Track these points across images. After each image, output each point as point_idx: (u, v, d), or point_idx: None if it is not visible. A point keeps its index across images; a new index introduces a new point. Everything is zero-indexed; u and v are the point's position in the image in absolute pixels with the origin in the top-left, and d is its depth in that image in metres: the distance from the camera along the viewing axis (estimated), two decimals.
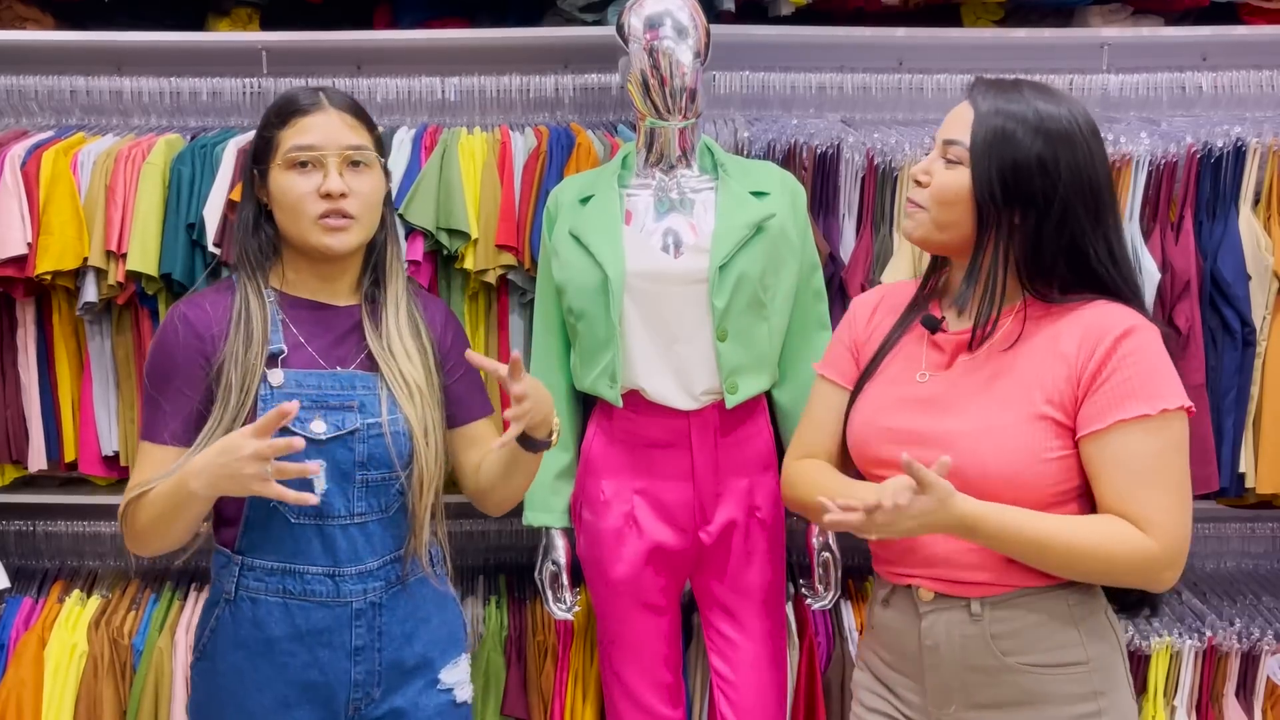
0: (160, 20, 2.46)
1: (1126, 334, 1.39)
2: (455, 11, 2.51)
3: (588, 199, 1.93)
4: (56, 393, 2.26)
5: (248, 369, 1.51)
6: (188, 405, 1.53)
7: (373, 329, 1.60)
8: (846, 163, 2.20)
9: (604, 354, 1.88)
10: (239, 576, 1.57)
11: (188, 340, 1.54)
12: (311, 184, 1.52)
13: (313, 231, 1.53)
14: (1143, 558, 1.37)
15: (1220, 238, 2.17)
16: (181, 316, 1.56)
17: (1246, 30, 2.41)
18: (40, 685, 2.19)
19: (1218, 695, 2.28)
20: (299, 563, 1.54)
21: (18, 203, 2.14)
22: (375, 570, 1.58)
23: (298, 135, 1.53)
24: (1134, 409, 1.36)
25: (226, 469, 1.39)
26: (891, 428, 1.50)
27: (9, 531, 2.45)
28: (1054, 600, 1.44)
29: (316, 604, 1.55)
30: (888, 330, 1.59)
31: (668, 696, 2.00)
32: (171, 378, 1.54)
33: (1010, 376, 1.44)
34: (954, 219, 1.45)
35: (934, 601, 1.48)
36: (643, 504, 1.92)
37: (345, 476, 1.54)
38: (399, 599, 1.60)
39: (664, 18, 1.82)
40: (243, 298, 1.56)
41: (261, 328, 1.54)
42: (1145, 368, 1.38)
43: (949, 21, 2.49)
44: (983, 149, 1.41)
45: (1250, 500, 2.28)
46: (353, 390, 1.55)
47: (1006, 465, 1.40)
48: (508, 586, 2.40)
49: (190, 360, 1.54)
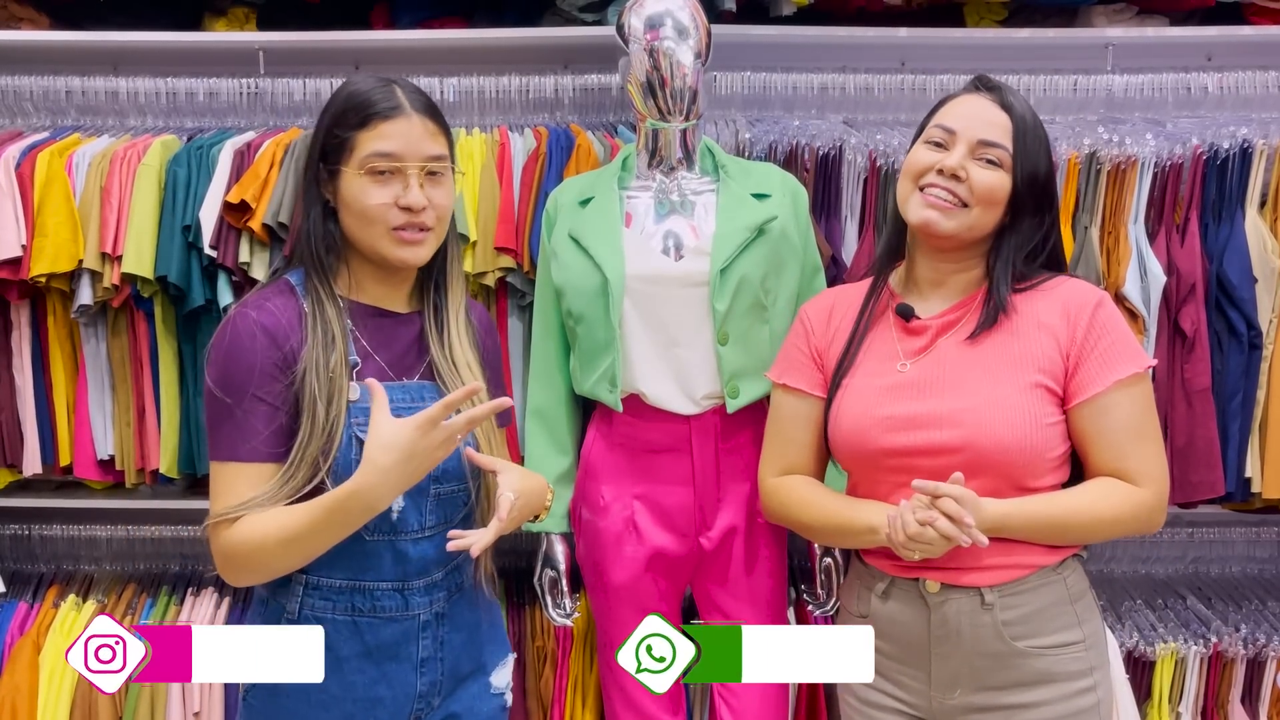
0: (156, 20, 2.45)
1: (1100, 304, 1.53)
2: (453, 11, 2.50)
3: (587, 201, 1.91)
4: (51, 396, 2.25)
5: (333, 380, 1.42)
6: (275, 417, 1.42)
7: (436, 339, 1.53)
8: (849, 164, 2.19)
9: (604, 358, 1.86)
10: (304, 596, 1.49)
11: (267, 348, 1.42)
12: (390, 194, 1.43)
13: (385, 242, 1.45)
14: (1143, 509, 1.51)
15: (1226, 240, 2.15)
16: (257, 324, 1.43)
17: (1252, 30, 2.41)
18: (35, 691, 2.17)
19: (1223, 702, 2.27)
20: (369, 579, 1.47)
21: (12, 204, 2.13)
22: (440, 581, 1.52)
23: (378, 141, 1.43)
24: (1126, 369, 1.49)
25: (416, 467, 1.36)
26: (889, 416, 1.53)
27: (4, 536, 2.44)
28: (1056, 583, 1.52)
29: (385, 620, 1.49)
30: (849, 331, 1.63)
31: (668, 703, 1.99)
32: (253, 389, 1.42)
33: (1000, 353, 1.52)
34: (992, 219, 1.54)
35: (942, 592, 1.52)
36: (643, 509, 1.91)
37: (420, 490, 1.46)
38: (459, 607, 1.56)
39: (665, 18, 1.81)
40: (315, 303, 1.46)
41: (341, 335, 1.45)
42: (1123, 331, 1.53)
43: (952, 21, 2.48)
44: (1029, 158, 1.52)
45: (1256, 505, 2.27)
46: (421, 402, 1.46)
47: (1015, 433, 1.47)
48: (506, 592, 2.38)
49: (271, 369, 1.42)
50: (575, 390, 1.97)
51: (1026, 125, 1.52)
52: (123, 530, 2.43)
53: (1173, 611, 2.36)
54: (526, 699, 2.23)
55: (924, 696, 1.55)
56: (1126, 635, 2.25)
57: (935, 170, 1.51)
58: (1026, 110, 1.54)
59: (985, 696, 1.51)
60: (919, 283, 1.61)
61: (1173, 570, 2.52)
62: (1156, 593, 2.43)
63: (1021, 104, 1.54)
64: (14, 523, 2.43)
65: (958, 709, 1.53)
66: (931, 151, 1.53)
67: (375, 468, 1.34)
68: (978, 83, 1.58)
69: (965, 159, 1.51)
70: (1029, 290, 1.55)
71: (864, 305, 1.63)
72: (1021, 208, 1.53)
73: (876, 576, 1.58)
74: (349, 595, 1.48)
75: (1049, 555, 1.51)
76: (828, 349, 1.64)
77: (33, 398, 2.23)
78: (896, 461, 1.52)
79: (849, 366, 1.60)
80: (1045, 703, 1.50)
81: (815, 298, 1.77)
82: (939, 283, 1.59)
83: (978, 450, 1.47)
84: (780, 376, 1.68)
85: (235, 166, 2.15)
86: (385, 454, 1.34)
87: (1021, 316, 1.53)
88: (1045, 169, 1.54)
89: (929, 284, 1.60)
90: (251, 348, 1.42)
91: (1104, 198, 2.16)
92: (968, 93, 1.57)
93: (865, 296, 1.64)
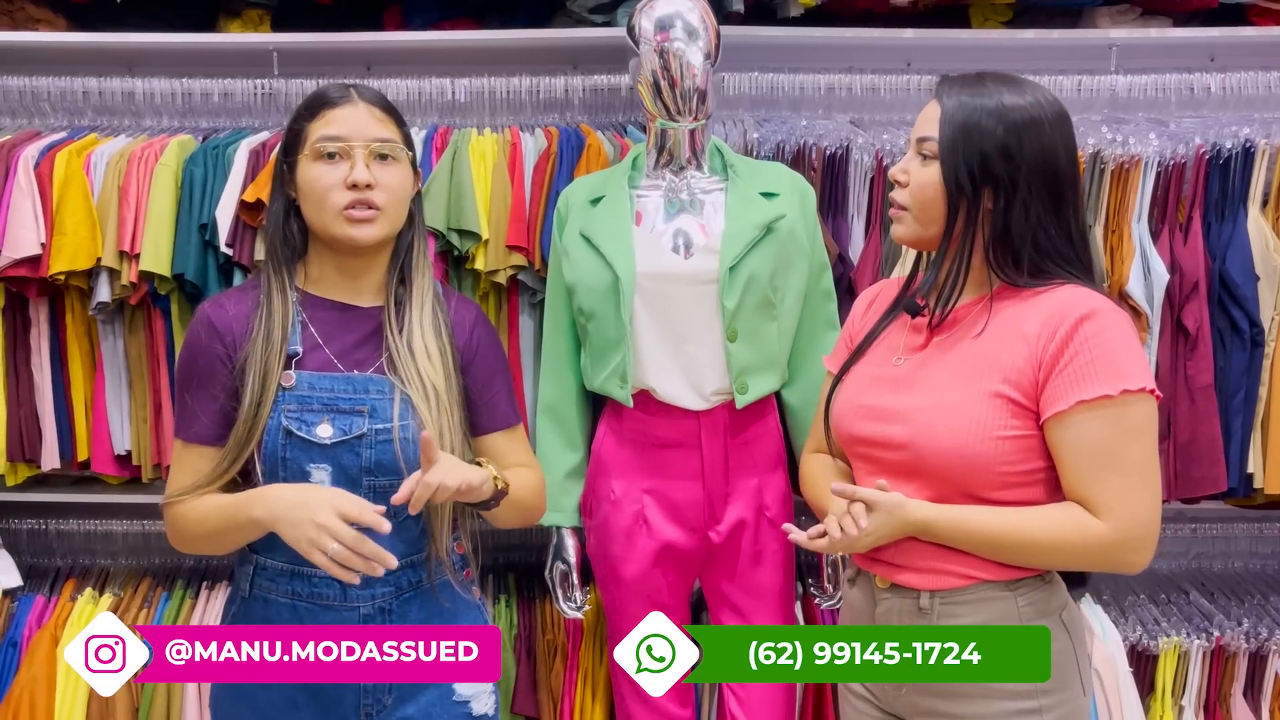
0: (172, 22, 2.47)
1: (1087, 316, 1.40)
2: (465, 13, 2.52)
3: (598, 200, 1.93)
4: (69, 392, 2.27)
5: (266, 370, 1.51)
6: (214, 404, 1.54)
7: (395, 329, 1.57)
8: (855, 163, 2.21)
9: (614, 354, 1.89)
10: (254, 575, 1.57)
11: (209, 340, 1.54)
12: (338, 175, 1.51)
13: (336, 222, 1.52)
14: (1096, 543, 1.39)
15: (1229, 238, 2.17)
16: (204, 316, 1.57)
17: (1255, 31, 2.42)
18: (53, 683, 2.20)
19: (1225, 695, 2.28)
20: (307, 565, 1.50)
21: (31, 203, 2.15)
22: (384, 576, 1.52)
23: (325, 126, 1.52)
24: (1094, 390, 1.37)
25: (292, 516, 1.40)
26: (864, 404, 1.55)
27: (22, 530, 2.46)
28: (1004, 600, 1.46)
29: (323, 607, 1.54)
30: (877, 320, 1.64)
31: (676, 695, 2.01)
32: (196, 377, 1.55)
33: (972, 357, 1.46)
34: (936, 214, 1.48)
35: (889, 590, 1.52)
36: (653, 503, 1.93)
37: (352, 482, 1.52)
38: (412, 605, 1.58)
39: (674, 19, 1.83)
40: (266, 296, 1.55)
41: (282, 328, 1.53)
42: (1106, 350, 1.38)
43: (957, 22, 2.50)
44: (950, 140, 1.45)
45: (1258, 500, 2.28)
46: (365, 394, 1.53)
47: (956, 439, 1.42)
48: (517, 585, 2.40)
49: (211, 360, 1.54)
50: (586, 386, 2.00)
51: (957, 113, 1.44)
52: (139, 525, 2.46)
53: (1176, 606, 2.38)
54: (537, 691, 2.25)
55: (883, 688, 1.55)
56: (1130, 629, 2.26)
57: (893, 179, 1.54)
58: (974, 96, 1.45)
59: (928, 701, 1.49)
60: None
61: (1176, 565, 2.53)
62: (1160, 587, 2.45)
63: (961, 96, 1.46)
64: (32, 517, 2.46)
65: (907, 706, 1.52)
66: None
67: (277, 492, 1.46)
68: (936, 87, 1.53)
69: (910, 162, 1.51)
70: (1032, 294, 1.46)
71: (894, 300, 1.63)
72: (959, 194, 1.44)
73: (849, 563, 1.64)
74: (289, 579, 1.55)
75: (995, 571, 1.45)
76: (858, 336, 1.65)
77: (51, 394, 2.25)
78: (862, 450, 1.55)
79: (860, 354, 1.61)
80: (975, 716, 1.46)
81: (870, 287, 1.78)
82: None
83: (917, 450, 1.45)
84: (829, 361, 1.72)
85: (250, 166, 2.18)
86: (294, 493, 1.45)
87: (1006, 322, 1.46)
88: (989, 146, 1.42)
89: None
90: (196, 340, 1.56)
91: (1108, 197, 2.17)
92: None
93: (898, 292, 1.64)
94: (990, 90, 1.46)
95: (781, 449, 1.98)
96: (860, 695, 1.60)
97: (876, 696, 1.58)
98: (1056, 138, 1.46)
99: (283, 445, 1.50)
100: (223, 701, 1.62)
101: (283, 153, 1.58)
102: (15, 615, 2.29)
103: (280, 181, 1.59)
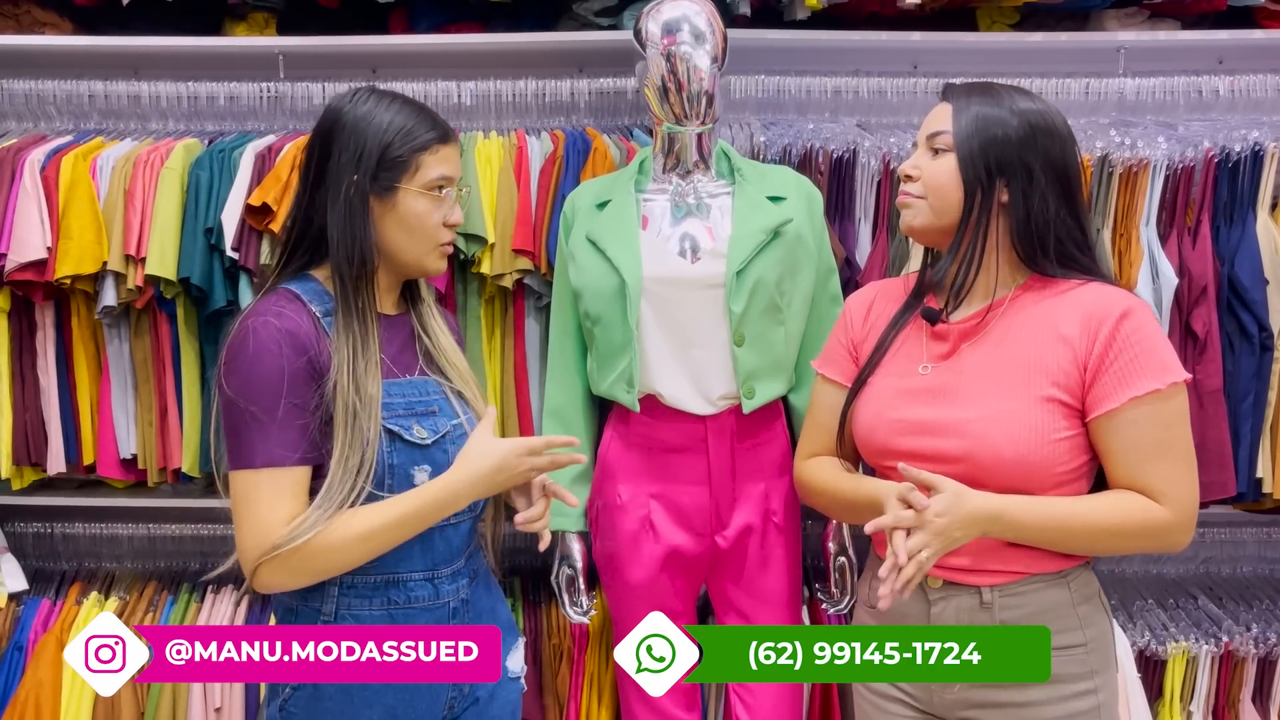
0: (177, 25, 2.47)
1: (1126, 314, 1.46)
2: (470, 16, 2.52)
3: (604, 204, 1.93)
4: (75, 396, 2.28)
5: (369, 386, 1.47)
6: (306, 422, 1.44)
7: (425, 336, 1.61)
8: (862, 167, 2.21)
9: (621, 359, 1.88)
10: (339, 597, 1.51)
11: (294, 355, 1.44)
12: (441, 212, 1.54)
13: (432, 256, 1.55)
14: (1158, 527, 1.45)
15: (1238, 242, 2.16)
16: (281, 331, 1.45)
17: (1264, 34, 2.41)
18: (59, 687, 2.20)
19: (1234, 701, 2.27)
20: (402, 570, 1.51)
21: (37, 207, 2.15)
22: (463, 568, 1.57)
23: (442, 165, 1.52)
24: (1145, 385, 1.43)
25: (502, 480, 1.49)
26: (901, 419, 1.54)
27: (27, 533, 2.47)
28: (1059, 587, 1.51)
29: (420, 609, 1.52)
30: (885, 326, 1.63)
31: (683, 701, 2.01)
32: (283, 396, 1.44)
33: (1014, 362, 1.49)
34: (951, 203, 1.51)
35: (943, 589, 1.52)
36: (659, 508, 1.93)
37: None
38: (478, 592, 1.61)
39: (681, 23, 1.82)
40: (345, 312, 1.49)
41: (375, 343, 1.50)
42: (1148, 345, 1.45)
43: (964, 25, 2.49)
44: (966, 131, 1.49)
45: (1267, 505, 2.27)
46: (428, 395, 1.55)
47: (1018, 448, 1.45)
48: (523, 589, 2.40)
49: (301, 375, 1.45)
50: (592, 391, 1.99)
51: (970, 108, 1.50)
52: (144, 529, 2.46)
53: (1184, 611, 2.37)
54: (543, 696, 2.25)
55: (924, 689, 1.56)
56: (1138, 635, 2.26)
57: (901, 180, 1.56)
58: (987, 97, 1.51)
59: (983, 693, 1.50)
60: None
61: (1184, 570, 2.52)
62: (1168, 592, 2.44)
63: (972, 96, 1.52)
64: (37, 521, 2.46)
65: (956, 703, 1.53)
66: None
67: (470, 469, 1.47)
68: (943, 92, 1.58)
69: (920, 158, 1.54)
70: (1053, 294, 1.50)
71: (903, 304, 1.64)
72: (975, 181, 1.48)
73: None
74: (384, 590, 1.51)
75: (1048, 563, 1.49)
76: (863, 342, 1.65)
77: (57, 398, 2.26)
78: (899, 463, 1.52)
79: (875, 364, 1.61)
80: (1042, 703, 1.49)
81: (861, 290, 1.76)
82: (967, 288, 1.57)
83: (977, 463, 1.46)
84: (821, 365, 1.71)
85: (256, 170, 2.18)
86: (481, 459, 1.48)
87: (1042, 325, 1.49)
88: (1010, 135, 1.47)
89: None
90: (279, 353, 1.43)
91: (1116, 200, 2.16)
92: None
93: (906, 295, 1.64)
94: (1001, 94, 1.52)
95: (789, 454, 1.97)
96: (893, 698, 1.59)
97: (915, 698, 1.57)
98: (1067, 139, 1.51)
99: (388, 451, 1.48)
100: None
101: (373, 174, 1.49)
102: (21, 619, 2.29)
103: (362, 199, 1.50)
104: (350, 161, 1.49)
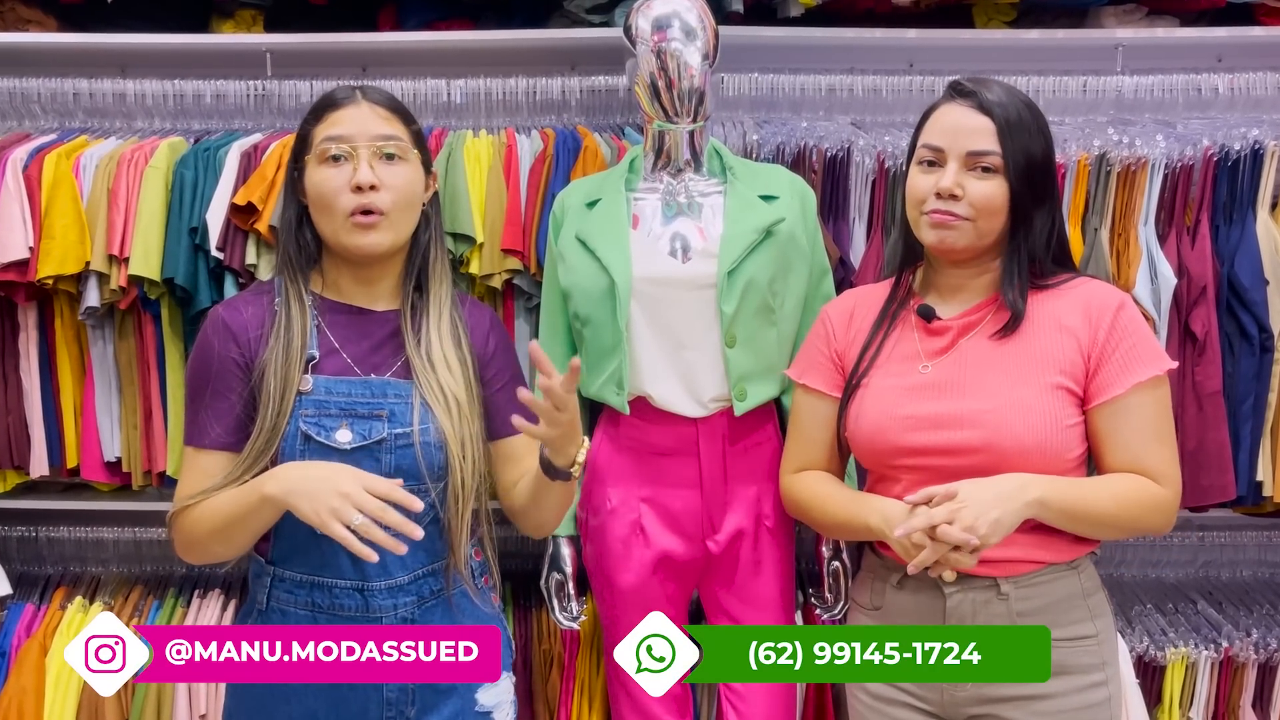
0: (164, 22, 2.45)
1: (1122, 306, 1.55)
2: (460, 13, 2.51)
3: (594, 203, 1.91)
4: (59, 398, 2.25)
5: (286, 377, 1.48)
6: (230, 409, 1.50)
7: (413, 336, 1.55)
8: (857, 166, 2.19)
9: (610, 360, 1.86)
10: (270, 587, 1.53)
11: (224, 343, 1.51)
12: (343, 177, 1.48)
13: (344, 231, 1.50)
14: (1159, 507, 1.53)
15: (1237, 242, 2.14)
16: (218, 319, 1.53)
17: (1263, 31, 2.40)
18: (42, 693, 2.17)
19: (1234, 707, 2.26)
20: (327, 575, 1.50)
21: (19, 207, 2.13)
22: (406, 585, 1.53)
23: (330, 127, 1.50)
24: (1145, 372, 1.52)
25: (310, 488, 1.36)
26: (911, 415, 1.55)
27: (11, 538, 2.44)
28: (1070, 578, 1.55)
29: (345, 618, 1.51)
30: (868, 332, 1.65)
31: (675, 707, 1.98)
32: (210, 382, 1.51)
33: (1022, 354, 1.54)
34: (998, 224, 1.55)
35: (958, 582, 1.53)
36: (650, 512, 1.90)
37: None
38: (434, 614, 1.56)
39: (672, 19, 1.80)
40: (283, 302, 1.52)
41: (301, 334, 1.50)
42: (1143, 334, 1.55)
43: (960, 23, 2.48)
44: (1017, 157, 1.52)
45: (1267, 509, 2.25)
46: (383, 399, 1.51)
47: (1037, 435, 1.50)
48: (513, 594, 2.38)
49: (226, 363, 1.51)
50: (582, 393, 1.97)
51: (1010, 122, 1.52)
52: (129, 532, 2.44)
53: (1183, 616, 2.35)
54: (533, 702, 2.22)
55: (935, 689, 1.56)
56: (1137, 640, 2.24)
57: (934, 194, 1.54)
58: (1010, 103, 1.53)
59: (997, 687, 1.52)
60: (939, 287, 1.64)
61: (1183, 574, 2.50)
62: (1167, 597, 2.42)
63: (1001, 98, 1.53)
64: (21, 524, 2.43)
65: (969, 700, 1.54)
66: (926, 174, 1.57)
67: (291, 468, 1.43)
68: (954, 89, 1.57)
69: (959, 174, 1.53)
70: (1050, 290, 1.57)
71: (885, 306, 1.66)
72: (1024, 204, 1.54)
73: (891, 568, 1.60)
74: (309, 590, 1.51)
75: (1060, 552, 1.53)
76: (847, 350, 1.66)
77: (40, 400, 2.23)
78: (916, 460, 1.55)
79: (869, 367, 1.61)
80: (1058, 694, 1.51)
81: (837, 299, 1.78)
82: (959, 287, 1.62)
83: (997, 451, 1.50)
84: (801, 376, 1.71)
85: (242, 168, 2.15)
86: (312, 464, 1.44)
87: (1042, 317, 1.55)
88: (1041, 154, 1.54)
89: (949, 289, 1.63)
90: (211, 344, 1.52)
91: (1114, 199, 2.15)
92: (947, 101, 1.58)
93: (886, 298, 1.67)
94: (1020, 102, 1.55)
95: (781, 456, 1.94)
96: (896, 701, 1.59)
97: (922, 699, 1.57)
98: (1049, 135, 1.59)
99: (301, 451, 1.47)
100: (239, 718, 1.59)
101: (292, 158, 1.56)
102: (4, 624, 2.27)
103: (291, 188, 1.56)
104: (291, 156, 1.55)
